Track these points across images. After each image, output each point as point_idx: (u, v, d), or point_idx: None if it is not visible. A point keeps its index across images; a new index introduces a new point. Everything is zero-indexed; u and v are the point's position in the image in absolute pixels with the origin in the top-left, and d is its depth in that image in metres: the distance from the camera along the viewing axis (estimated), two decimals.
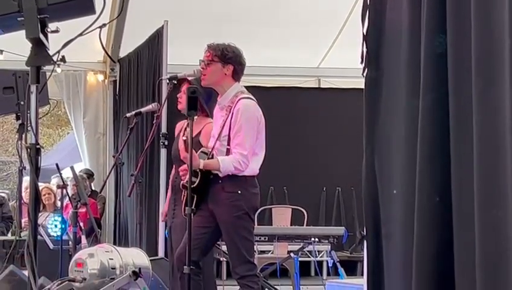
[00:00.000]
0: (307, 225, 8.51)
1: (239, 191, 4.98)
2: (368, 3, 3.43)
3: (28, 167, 3.75)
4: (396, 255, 3.25)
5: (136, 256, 5.34)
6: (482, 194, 2.60)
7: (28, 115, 3.67)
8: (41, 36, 3.47)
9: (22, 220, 7.32)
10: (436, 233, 2.90)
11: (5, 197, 9.77)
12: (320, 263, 8.84)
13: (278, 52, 9.90)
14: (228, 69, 5.09)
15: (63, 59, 3.54)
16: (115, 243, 9.00)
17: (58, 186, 7.70)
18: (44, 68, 3.60)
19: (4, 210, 9.12)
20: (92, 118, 10.43)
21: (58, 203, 8.67)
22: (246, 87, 5.26)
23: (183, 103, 5.16)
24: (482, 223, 2.59)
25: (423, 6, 3.01)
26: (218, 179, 4.99)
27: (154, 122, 6.00)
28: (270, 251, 7.98)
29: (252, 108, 5.07)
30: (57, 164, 6.93)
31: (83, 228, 6.72)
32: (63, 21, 3.57)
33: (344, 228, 7.59)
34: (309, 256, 8.70)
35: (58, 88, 10.16)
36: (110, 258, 5.13)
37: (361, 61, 3.46)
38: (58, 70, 9.14)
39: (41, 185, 7.93)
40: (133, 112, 6.42)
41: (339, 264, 7.33)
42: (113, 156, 7.15)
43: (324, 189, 10.25)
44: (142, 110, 6.53)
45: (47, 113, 7.76)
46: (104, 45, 8.06)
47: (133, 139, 8.76)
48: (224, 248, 5.93)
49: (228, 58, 5.09)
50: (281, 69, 10.36)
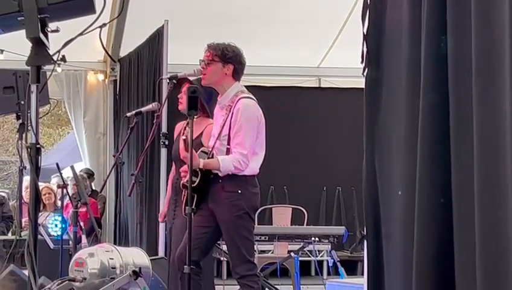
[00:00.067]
0: (307, 225, 8.51)
1: (239, 191, 4.98)
2: (368, 2, 3.43)
3: (28, 167, 3.75)
4: (396, 255, 3.25)
5: (136, 255, 5.34)
6: (482, 194, 2.60)
7: (28, 114, 3.67)
8: (42, 36, 3.46)
9: (22, 220, 7.31)
10: (436, 233, 2.90)
11: (5, 196, 9.77)
12: (320, 262, 8.83)
13: (278, 51, 9.90)
14: (228, 68, 5.08)
15: (63, 59, 3.54)
16: (115, 243, 9.00)
17: (59, 186, 7.70)
18: (44, 68, 3.59)
19: (4, 210, 9.12)
20: (93, 117, 10.42)
21: (59, 203, 8.67)
22: (246, 87, 5.25)
23: (184, 103, 5.16)
24: (482, 223, 2.59)
25: (423, 6, 3.01)
26: (218, 179, 4.99)
27: (154, 121, 6.00)
28: (270, 250, 7.98)
29: (252, 108, 5.07)
30: (57, 164, 6.93)
31: (83, 227, 6.72)
32: (63, 21, 3.57)
33: (344, 227, 7.58)
34: (309, 256, 8.70)
35: (59, 88, 10.15)
36: (110, 258, 5.13)
37: (362, 61, 3.46)
38: (59, 69, 9.14)
39: (41, 184, 7.93)
40: (134, 112, 6.43)
41: (339, 264, 7.33)
42: (114, 156, 7.15)
43: (324, 189, 10.24)
44: (143, 109, 6.54)
45: (47, 113, 7.76)
46: (104, 44, 8.07)
47: (133, 139, 8.76)
48: (224, 247, 5.92)
49: (228, 57, 5.09)
50: (281, 68, 10.35)
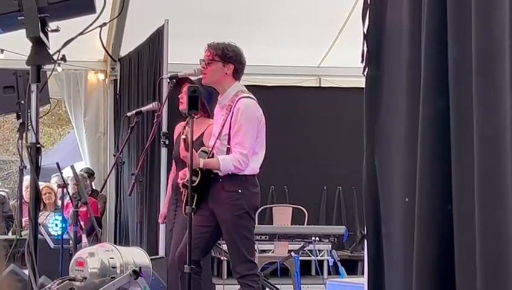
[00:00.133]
0: (307, 224, 8.50)
1: (239, 190, 4.98)
2: (369, 2, 3.42)
3: (29, 166, 3.75)
4: (396, 255, 3.24)
5: (136, 255, 5.34)
6: (482, 194, 2.60)
7: (29, 114, 3.67)
8: (42, 35, 3.46)
9: (23, 219, 7.31)
10: (436, 232, 2.90)
11: (5, 196, 9.77)
12: (320, 262, 8.83)
13: (278, 51, 9.89)
14: (229, 68, 5.08)
15: (64, 58, 3.53)
16: (115, 242, 8.97)
17: (59, 186, 7.70)
18: (44, 67, 3.59)
19: (5, 209, 9.12)
20: (93, 117, 10.42)
21: (59, 203, 8.67)
22: (247, 86, 5.25)
23: (185, 103, 5.16)
24: (482, 223, 2.59)
25: (424, 6, 3.01)
26: (218, 178, 4.99)
27: (154, 121, 6.00)
28: (270, 250, 7.98)
29: (252, 107, 5.07)
30: (57, 163, 6.93)
31: (83, 227, 6.72)
32: (63, 20, 3.57)
33: (345, 227, 7.58)
34: (310, 255, 8.70)
35: (59, 87, 10.14)
36: (111, 257, 5.13)
37: (362, 61, 3.46)
38: (59, 69, 9.14)
39: (41, 184, 7.93)
40: (134, 111, 6.43)
41: (339, 264, 7.33)
42: (114, 155, 7.16)
43: (325, 188, 10.24)
44: (143, 109, 6.54)
45: (48, 112, 7.76)
46: (104, 44, 8.07)
47: (133, 139, 8.76)
48: (224, 247, 5.92)
49: (229, 57, 5.08)
50: (281, 68, 10.34)
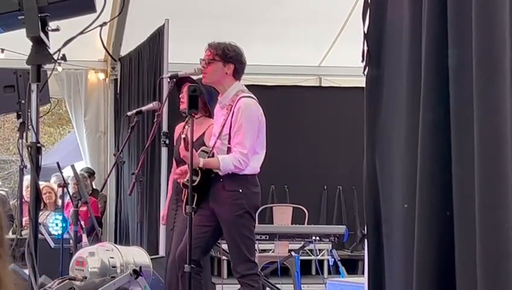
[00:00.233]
0: (307, 224, 8.49)
1: (240, 190, 4.98)
2: (369, 1, 3.42)
3: (29, 166, 3.75)
4: (397, 254, 3.24)
5: (136, 255, 5.34)
6: (482, 194, 2.60)
7: (29, 113, 3.67)
8: (42, 35, 3.46)
9: (23, 219, 7.31)
10: (437, 232, 2.89)
11: (5, 195, 9.76)
12: (321, 261, 8.82)
13: (278, 50, 9.89)
14: (229, 68, 5.08)
15: (64, 57, 3.54)
16: (115, 242, 8.98)
17: (59, 185, 7.70)
18: (45, 67, 3.60)
19: (5, 209, 9.11)
20: (93, 116, 10.42)
21: (59, 202, 8.67)
22: (247, 86, 5.25)
23: (186, 103, 5.16)
24: (482, 222, 2.59)
25: (424, 5, 3.00)
26: (219, 178, 4.99)
27: (155, 120, 6.00)
28: (271, 249, 7.98)
29: (253, 107, 5.07)
30: (57, 163, 6.93)
31: (83, 226, 6.71)
32: (63, 19, 3.57)
33: (345, 226, 7.57)
34: (310, 255, 8.71)
35: (59, 87, 10.14)
36: (111, 257, 5.13)
37: (362, 60, 3.46)
38: (59, 68, 9.13)
39: (42, 183, 7.93)
40: (134, 111, 6.43)
41: (339, 263, 7.32)
42: (114, 155, 7.15)
43: (325, 188, 10.23)
44: (143, 108, 6.54)
45: (48, 112, 7.76)
46: (104, 43, 8.06)
47: (134, 138, 8.75)
48: (224, 246, 5.92)
49: (229, 57, 5.08)
50: (282, 67, 10.34)
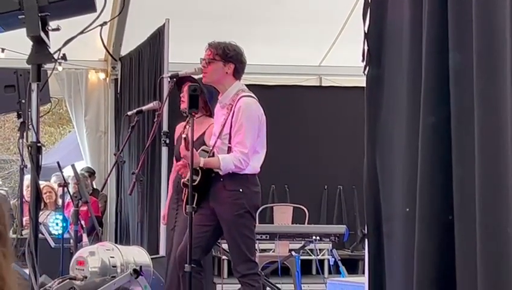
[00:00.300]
0: (308, 224, 8.49)
1: (240, 190, 4.97)
2: (369, 1, 3.42)
3: (29, 165, 3.75)
4: (397, 254, 3.24)
5: (137, 254, 5.34)
6: (483, 194, 2.60)
7: (29, 113, 3.67)
8: (42, 34, 3.46)
9: (23, 219, 7.31)
10: (437, 232, 2.89)
11: (5, 195, 9.75)
12: (321, 261, 8.81)
13: (279, 50, 9.89)
14: (229, 67, 5.08)
15: (64, 57, 3.54)
16: (116, 242, 8.99)
17: (60, 185, 7.70)
18: (45, 66, 3.60)
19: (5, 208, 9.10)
20: (94, 116, 10.41)
21: (60, 202, 8.67)
22: (247, 86, 5.25)
23: (186, 102, 5.16)
24: (483, 222, 2.59)
25: (424, 4, 3.00)
26: (219, 177, 4.99)
27: (155, 120, 5.99)
28: (271, 249, 7.97)
29: (253, 106, 5.07)
30: (58, 162, 6.93)
31: (84, 226, 6.71)
32: (64, 19, 3.57)
33: (345, 226, 7.56)
34: (310, 254, 8.70)
35: (60, 86, 10.14)
36: (111, 257, 5.13)
37: (363, 60, 3.46)
38: (60, 68, 9.13)
39: (42, 183, 7.93)
40: (135, 110, 6.43)
41: (340, 263, 7.32)
42: (115, 155, 7.15)
43: (325, 187, 10.23)
44: (144, 108, 6.54)
45: (48, 112, 7.75)
46: (105, 43, 8.05)
47: (134, 138, 8.75)
48: (225, 246, 5.92)
49: (229, 56, 5.08)
50: (282, 67, 10.33)
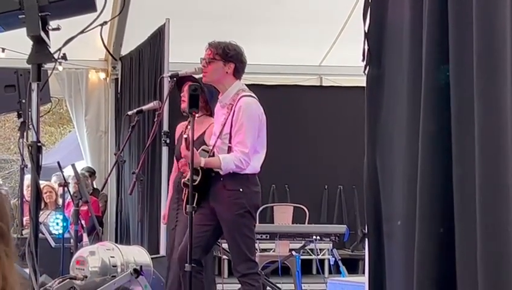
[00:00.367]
0: (308, 223, 8.50)
1: (240, 189, 4.97)
2: (370, 1, 3.42)
3: (30, 165, 3.75)
4: (397, 254, 3.24)
5: (137, 254, 5.34)
6: (483, 194, 2.60)
7: (30, 113, 3.67)
8: (43, 34, 3.46)
9: (24, 218, 7.31)
10: (437, 231, 2.89)
11: (5, 194, 9.74)
12: (321, 261, 8.82)
13: (279, 50, 9.88)
14: (229, 67, 5.08)
15: (64, 57, 3.54)
16: (116, 241, 8.99)
17: (60, 184, 7.71)
18: (45, 66, 3.60)
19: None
20: (94, 116, 10.41)
21: (60, 201, 8.67)
22: (248, 85, 5.25)
23: (187, 102, 5.16)
24: (483, 222, 2.59)
25: (425, 4, 3.00)
26: (219, 177, 4.99)
27: (155, 120, 5.99)
28: (271, 249, 7.98)
29: (254, 106, 5.07)
30: (58, 162, 6.93)
31: (84, 226, 6.72)
32: (64, 19, 3.57)
33: (346, 226, 7.57)
34: (311, 254, 8.71)
35: (60, 86, 10.14)
36: (112, 256, 5.13)
37: (363, 59, 3.46)
38: (60, 68, 9.13)
39: (42, 183, 7.93)
40: (135, 110, 6.43)
41: (340, 263, 7.32)
42: (115, 154, 7.15)
43: (326, 187, 10.23)
44: (144, 108, 6.54)
45: (49, 111, 7.76)
46: (105, 42, 8.05)
47: (134, 137, 8.75)
48: (225, 245, 5.93)
49: (229, 56, 5.08)
50: (282, 67, 10.33)
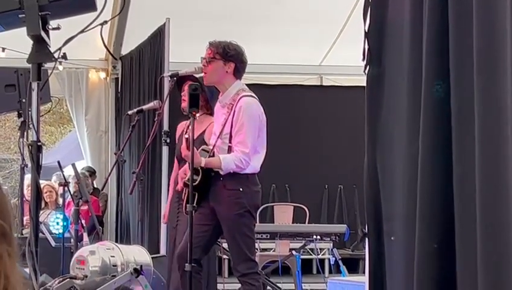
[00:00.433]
0: (308, 223, 8.50)
1: (241, 189, 4.97)
2: (370, 0, 3.42)
3: (30, 165, 3.75)
4: (398, 253, 3.24)
5: (137, 253, 5.34)
6: (483, 193, 2.60)
7: (30, 112, 3.67)
8: (43, 33, 3.46)
9: (24, 218, 7.31)
10: (438, 231, 2.89)
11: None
12: (322, 260, 8.83)
13: (279, 49, 9.88)
14: (229, 66, 5.08)
15: (65, 56, 3.54)
16: (116, 241, 8.99)
17: (60, 184, 7.71)
18: (45, 65, 3.60)
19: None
20: (94, 115, 10.41)
21: (60, 201, 8.67)
22: (248, 85, 5.25)
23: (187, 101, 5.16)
24: (483, 222, 2.59)
25: (425, 4, 3.00)
26: (219, 177, 4.99)
27: (155, 119, 6.00)
28: (272, 248, 7.98)
29: (254, 106, 5.07)
30: (58, 162, 6.93)
31: (84, 225, 6.72)
32: (64, 18, 3.57)
33: (346, 225, 7.57)
34: (311, 254, 8.71)
35: (60, 85, 10.14)
36: (112, 256, 5.13)
37: (363, 59, 3.45)
38: (60, 67, 9.13)
39: (42, 182, 7.93)
40: (135, 110, 6.43)
41: (340, 262, 7.33)
42: (115, 154, 7.15)
43: (326, 187, 10.23)
44: (144, 107, 6.54)
45: (49, 111, 7.77)
46: (105, 42, 8.06)
47: (134, 137, 8.75)
48: (225, 245, 5.93)
49: (230, 56, 5.08)
50: (282, 66, 10.33)
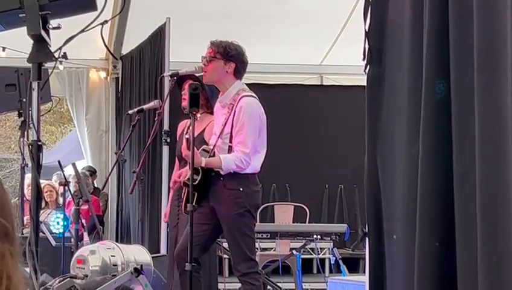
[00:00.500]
0: (309, 222, 8.50)
1: (241, 189, 4.98)
2: (370, 0, 3.42)
3: (30, 164, 3.75)
4: (398, 253, 3.24)
5: (137, 253, 5.34)
6: (484, 193, 2.60)
7: (30, 112, 3.67)
8: (43, 33, 3.47)
9: (24, 217, 7.31)
10: (438, 231, 2.89)
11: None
12: (322, 260, 8.83)
13: (280, 49, 9.89)
14: (230, 66, 5.07)
15: (65, 56, 3.54)
16: (117, 240, 8.99)
17: (61, 184, 7.71)
18: (46, 65, 3.60)
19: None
20: (95, 115, 10.42)
21: (61, 201, 8.67)
22: (248, 85, 5.25)
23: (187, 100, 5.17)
24: (483, 222, 2.59)
25: (425, 3, 3.00)
26: (219, 177, 4.99)
27: (156, 119, 6.00)
28: (272, 248, 7.99)
29: (254, 106, 5.07)
30: (59, 161, 6.93)
31: (85, 225, 6.71)
32: (64, 18, 3.57)
33: (346, 225, 7.57)
34: (311, 253, 8.71)
35: (61, 85, 10.14)
36: (112, 255, 5.14)
37: (364, 59, 3.45)
38: (61, 67, 9.13)
39: (43, 182, 7.93)
40: (135, 109, 6.44)
41: (341, 262, 7.33)
42: (116, 153, 7.16)
43: (326, 186, 10.23)
44: (144, 107, 6.54)
45: (49, 110, 7.78)
46: (106, 42, 8.07)
47: (135, 136, 8.75)
48: (225, 244, 5.93)
49: (230, 55, 5.07)
50: (283, 66, 10.33)
